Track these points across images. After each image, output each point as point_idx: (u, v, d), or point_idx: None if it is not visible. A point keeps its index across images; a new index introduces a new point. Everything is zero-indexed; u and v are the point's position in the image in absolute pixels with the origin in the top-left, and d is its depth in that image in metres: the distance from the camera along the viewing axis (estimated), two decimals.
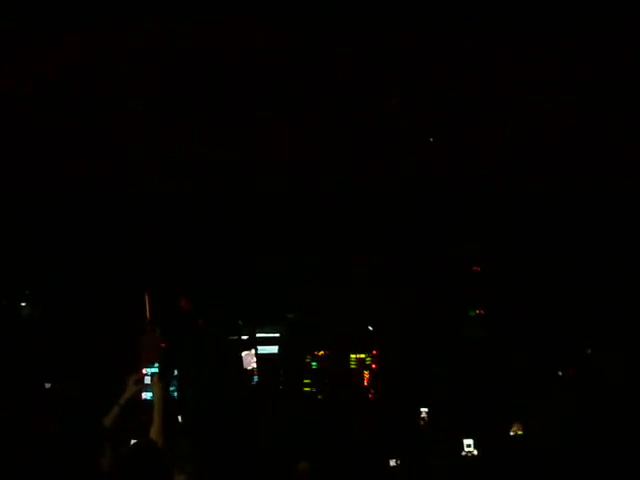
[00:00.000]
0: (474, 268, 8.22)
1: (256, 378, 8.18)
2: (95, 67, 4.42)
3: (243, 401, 7.95)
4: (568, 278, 8.30)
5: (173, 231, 7.09)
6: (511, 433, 7.47)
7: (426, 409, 7.20)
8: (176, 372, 7.76)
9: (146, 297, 4.69)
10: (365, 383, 8.58)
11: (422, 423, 7.02)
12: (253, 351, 8.20)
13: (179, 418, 7.38)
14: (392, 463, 7.15)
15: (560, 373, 7.98)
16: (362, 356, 8.62)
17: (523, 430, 7.49)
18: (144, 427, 4.86)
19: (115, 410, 4.71)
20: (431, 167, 5.93)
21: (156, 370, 7.63)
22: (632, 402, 7.14)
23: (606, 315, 8.17)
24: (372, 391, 8.55)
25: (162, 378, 4.65)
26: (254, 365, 8.26)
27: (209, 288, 8.19)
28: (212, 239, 7.97)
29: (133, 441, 4.59)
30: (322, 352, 8.56)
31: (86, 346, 7.10)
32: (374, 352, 8.62)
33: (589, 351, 8.04)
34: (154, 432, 4.76)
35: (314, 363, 8.54)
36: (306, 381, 8.49)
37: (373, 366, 8.60)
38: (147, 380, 5.02)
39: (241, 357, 8.23)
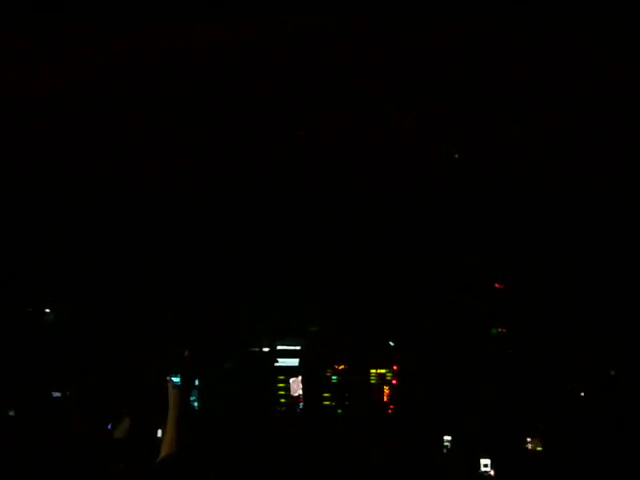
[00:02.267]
0: (497, 285, 8.17)
1: (301, 405, 8.24)
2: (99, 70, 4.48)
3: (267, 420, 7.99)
4: (594, 295, 8.20)
5: (190, 239, 7.17)
6: (529, 447, 7.40)
7: (449, 437, 7.15)
8: (197, 382, 7.81)
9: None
10: (385, 399, 8.57)
11: (444, 451, 6.96)
12: (300, 378, 8.26)
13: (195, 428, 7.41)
14: None
15: (582, 393, 7.89)
16: (383, 371, 8.61)
17: (542, 446, 7.42)
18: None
19: (127, 421, 4.75)
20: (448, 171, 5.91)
21: (175, 379, 7.70)
22: None
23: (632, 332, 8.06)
24: (392, 407, 8.53)
25: (179, 386, 4.66)
26: (300, 392, 8.31)
27: (230, 299, 8.24)
28: (232, 249, 8.02)
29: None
30: (342, 366, 8.56)
31: (104, 355, 7.17)
32: (395, 367, 8.60)
33: (612, 372, 7.94)
34: (167, 442, 4.80)
35: (334, 377, 8.55)
36: (326, 395, 8.50)
37: (394, 382, 8.59)
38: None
39: (265, 369, 8.26)
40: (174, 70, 4.40)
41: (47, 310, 7.23)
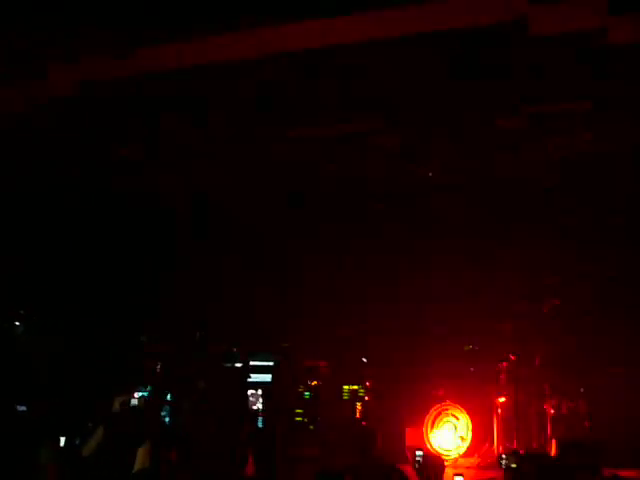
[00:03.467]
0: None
1: (261, 420, 8.23)
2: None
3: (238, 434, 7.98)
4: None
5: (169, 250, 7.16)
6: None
7: (421, 452, 7.21)
8: (169, 396, 7.78)
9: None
10: (357, 415, 8.60)
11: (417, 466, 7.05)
12: (260, 391, 8.25)
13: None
14: None
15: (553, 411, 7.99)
16: (355, 387, 8.65)
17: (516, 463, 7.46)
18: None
19: (99, 433, 4.73)
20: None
21: (146, 393, 7.70)
22: None
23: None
24: (364, 423, 8.56)
25: (152, 401, 4.69)
26: (260, 406, 8.31)
27: (205, 316, 8.22)
28: (208, 265, 8.02)
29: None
30: (315, 382, 8.59)
31: (75, 365, 7.11)
32: (367, 384, 8.64)
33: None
34: (142, 455, 4.78)
35: (307, 393, 8.57)
36: (298, 411, 8.52)
37: (366, 398, 8.62)
38: (134, 402, 5.03)
39: (240, 389, 8.26)
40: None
41: (17, 323, 7.19)
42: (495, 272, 7.27)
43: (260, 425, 8.03)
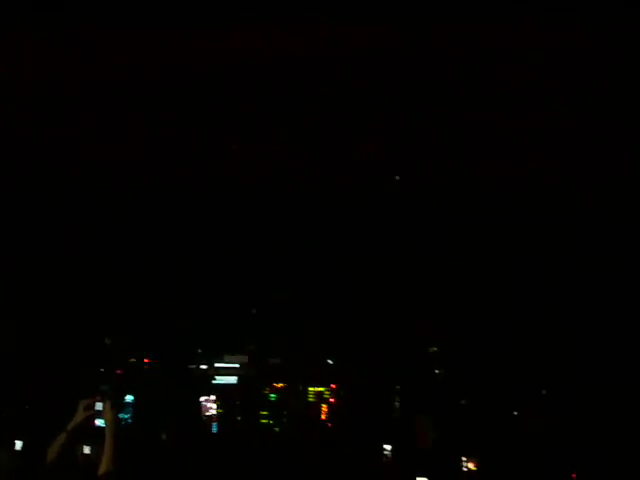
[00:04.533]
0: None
1: (215, 425, 8.16)
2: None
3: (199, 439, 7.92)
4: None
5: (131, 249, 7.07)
6: (464, 469, 7.49)
7: (389, 446, 7.20)
8: (131, 398, 7.69)
9: None
10: (323, 417, 8.57)
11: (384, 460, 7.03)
12: (213, 397, 8.18)
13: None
14: None
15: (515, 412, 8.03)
16: (321, 389, 8.61)
17: (477, 466, 7.51)
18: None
19: (62, 437, 4.61)
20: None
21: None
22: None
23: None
24: (329, 425, 8.54)
25: (115, 404, 4.59)
26: (213, 412, 8.24)
27: (170, 316, 8.14)
28: (174, 262, 7.94)
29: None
30: (281, 384, 8.54)
31: (35, 367, 6.99)
32: (333, 386, 8.62)
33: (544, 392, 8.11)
34: (105, 461, 4.69)
35: (272, 395, 8.52)
36: (263, 413, 8.46)
37: (331, 400, 8.59)
38: (99, 406, 4.93)
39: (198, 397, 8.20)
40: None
41: None
42: None
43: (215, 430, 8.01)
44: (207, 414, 8.14)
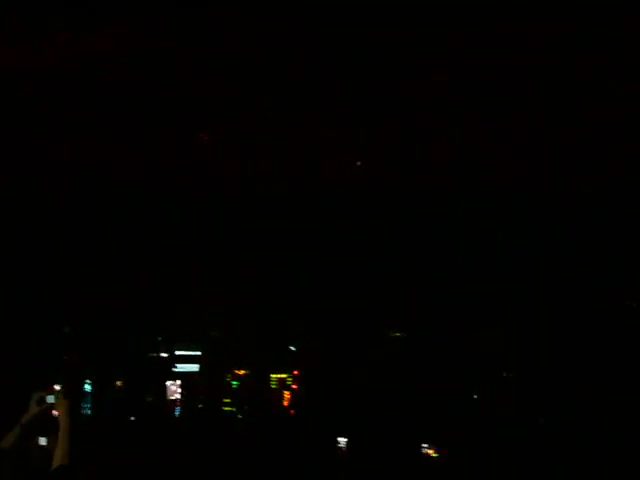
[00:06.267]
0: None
1: (179, 409, 8.10)
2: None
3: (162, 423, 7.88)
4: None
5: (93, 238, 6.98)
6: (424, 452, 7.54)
7: (345, 439, 7.25)
8: (89, 388, 7.62)
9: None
10: (285, 403, 8.56)
11: (339, 452, 7.07)
12: (178, 382, 8.13)
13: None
14: None
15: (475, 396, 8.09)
16: (283, 376, 8.60)
17: (437, 453, 7.57)
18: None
19: (16, 431, 4.54)
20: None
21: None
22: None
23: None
24: (292, 411, 8.54)
25: (68, 395, 4.52)
26: (178, 396, 8.19)
27: (129, 304, 8.06)
28: (140, 251, 7.86)
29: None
30: (243, 371, 8.51)
31: None
32: (295, 372, 8.61)
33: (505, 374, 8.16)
34: (59, 453, 4.63)
35: (234, 382, 8.49)
36: (226, 400, 8.43)
37: (293, 386, 8.59)
38: (51, 399, 4.84)
39: (162, 380, 8.15)
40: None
41: None
42: None
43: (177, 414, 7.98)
44: (172, 398, 8.08)
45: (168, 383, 8.01)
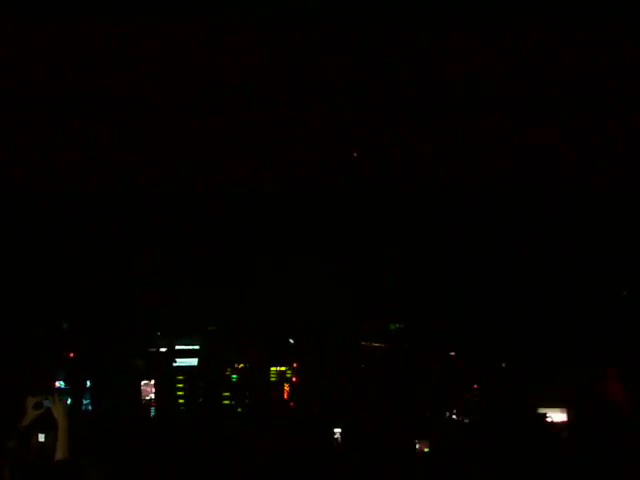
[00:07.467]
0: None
1: (153, 410, 8.11)
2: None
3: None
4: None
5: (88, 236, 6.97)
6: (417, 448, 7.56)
7: (340, 430, 7.27)
8: (89, 383, 7.63)
9: None
10: (285, 396, 8.58)
11: (335, 445, 7.09)
12: (153, 382, 8.12)
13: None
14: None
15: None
16: (283, 369, 8.61)
17: (430, 448, 7.59)
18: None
19: (15, 434, 4.57)
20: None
21: (61, 386, 7.51)
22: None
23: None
24: (292, 404, 8.55)
25: (67, 394, 4.54)
26: (152, 396, 8.20)
27: (128, 298, 8.06)
28: (135, 246, 7.85)
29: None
30: (242, 365, 8.52)
31: None
32: (295, 365, 8.62)
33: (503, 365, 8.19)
34: (60, 452, 4.65)
35: (234, 376, 8.50)
36: (225, 394, 8.45)
37: (293, 379, 8.60)
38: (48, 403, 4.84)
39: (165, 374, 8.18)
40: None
41: None
42: None
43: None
44: (147, 398, 8.11)
45: (143, 383, 8.03)
